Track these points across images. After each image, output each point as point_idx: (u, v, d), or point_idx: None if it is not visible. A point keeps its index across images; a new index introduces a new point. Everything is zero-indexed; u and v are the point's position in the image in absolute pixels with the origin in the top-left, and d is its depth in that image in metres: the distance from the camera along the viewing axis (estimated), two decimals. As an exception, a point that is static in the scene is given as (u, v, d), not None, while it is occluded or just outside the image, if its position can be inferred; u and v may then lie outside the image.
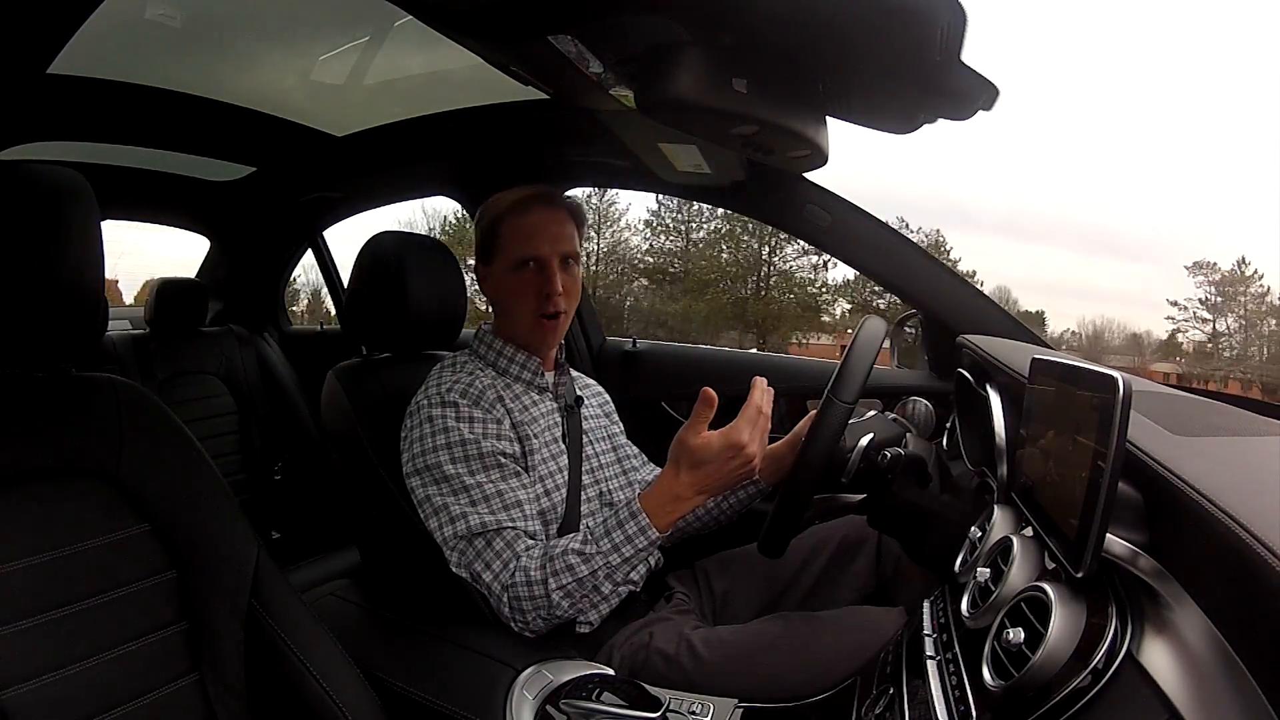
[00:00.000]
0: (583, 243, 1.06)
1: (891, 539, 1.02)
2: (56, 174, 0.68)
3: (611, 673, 0.81)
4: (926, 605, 0.78)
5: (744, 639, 0.90)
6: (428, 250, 1.12)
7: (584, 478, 1.04)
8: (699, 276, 14.01)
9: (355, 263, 1.10)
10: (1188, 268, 12.84)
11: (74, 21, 0.98)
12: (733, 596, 1.07)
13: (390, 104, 1.52)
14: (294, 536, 2.00)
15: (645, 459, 1.22)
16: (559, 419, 1.05)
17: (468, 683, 0.82)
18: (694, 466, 0.86)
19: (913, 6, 0.66)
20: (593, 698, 0.71)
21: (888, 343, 1.36)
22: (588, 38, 0.79)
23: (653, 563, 1.06)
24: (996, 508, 0.74)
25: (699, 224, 14.06)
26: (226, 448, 2.10)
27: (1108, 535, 0.48)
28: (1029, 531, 0.65)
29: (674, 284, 14.19)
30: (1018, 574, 0.59)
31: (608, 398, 1.23)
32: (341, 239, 2.34)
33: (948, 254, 13.10)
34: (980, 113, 0.85)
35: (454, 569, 0.89)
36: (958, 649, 0.64)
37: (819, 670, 0.84)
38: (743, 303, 13.83)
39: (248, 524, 0.79)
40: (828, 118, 0.96)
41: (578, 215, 1.04)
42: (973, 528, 0.76)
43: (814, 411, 0.92)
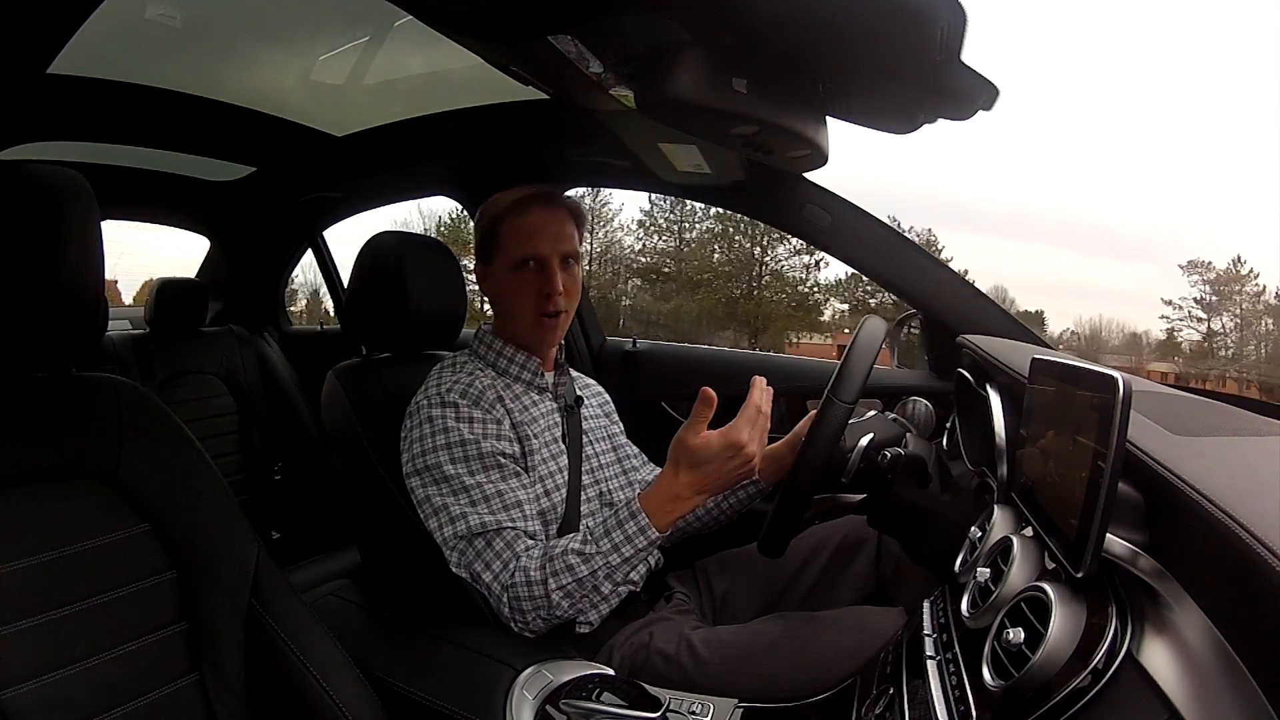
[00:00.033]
0: (583, 242, 1.06)
1: (891, 539, 1.02)
2: (56, 174, 0.68)
3: (611, 673, 0.81)
4: (926, 605, 0.78)
5: (744, 639, 0.90)
6: (428, 250, 1.12)
7: (584, 478, 1.04)
8: (691, 276, 14.04)
9: (355, 263, 1.11)
10: (1182, 266, 12.69)
11: (74, 21, 0.98)
12: (733, 596, 1.07)
13: (390, 104, 1.52)
14: (294, 536, 2.00)
15: (645, 459, 1.22)
16: (559, 419, 1.05)
17: (468, 683, 0.82)
18: (693, 466, 0.86)
19: (913, 6, 0.66)
20: (593, 698, 0.71)
21: (888, 343, 1.36)
22: (588, 38, 0.79)
23: (653, 563, 1.06)
24: (996, 508, 0.74)
25: (691, 224, 14.12)
26: (226, 448, 2.10)
27: (1108, 535, 0.48)
28: (1029, 531, 0.65)
29: (667, 283, 14.22)
30: (1018, 574, 0.59)
31: (608, 398, 1.23)
32: (342, 239, 2.35)
33: (940, 253, 13.11)
34: (980, 113, 0.85)
35: (454, 569, 0.89)
36: (958, 649, 0.64)
37: (819, 670, 0.84)
38: (734, 302, 13.85)
39: (248, 524, 0.79)
40: (828, 118, 0.96)
41: (578, 215, 1.04)
42: (973, 528, 0.76)
43: (814, 411, 0.92)
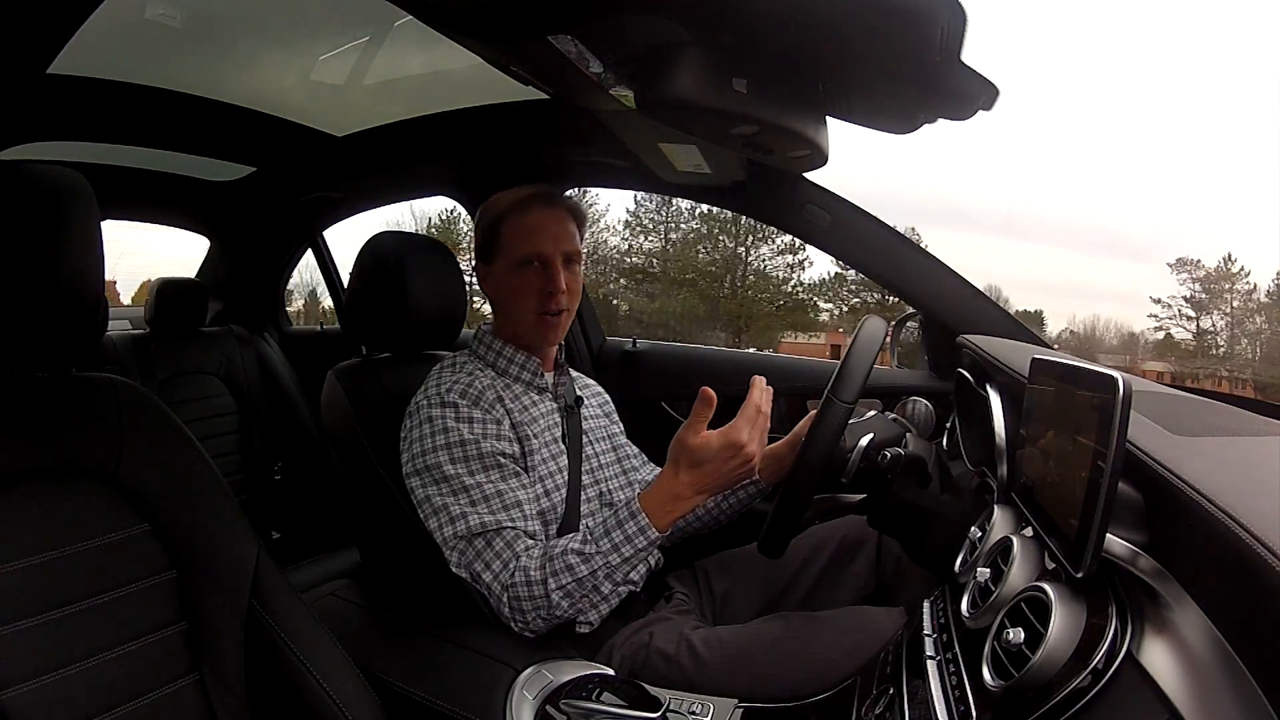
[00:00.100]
0: (582, 242, 1.06)
1: (891, 539, 1.02)
2: (56, 174, 0.68)
3: (611, 673, 0.81)
4: (926, 605, 0.78)
5: (744, 639, 0.90)
6: (428, 250, 1.12)
7: (584, 478, 1.04)
8: (675, 276, 14.14)
9: (355, 263, 1.11)
10: (1170, 265, 12.48)
11: (74, 21, 0.98)
12: (733, 596, 1.07)
13: (390, 104, 1.52)
14: (294, 536, 2.00)
15: (645, 459, 1.22)
16: (559, 419, 1.05)
17: (468, 683, 0.82)
18: (693, 466, 0.86)
19: (913, 6, 0.66)
20: (593, 698, 0.71)
21: (887, 343, 1.36)
22: (588, 38, 0.79)
23: (653, 563, 1.06)
24: (996, 508, 0.74)
25: (676, 224, 14.22)
26: (226, 448, 2.10)
27: (1108, 535, 0.48)
28: (1029, 531, 0.65)
29: (653, 283, 14.33)
30: (1018, 574, 0.59)
31: (607, 398, 1.23)
32: (342, 239, 2.35)
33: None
34: (980, 113, 0.85)
35: (454, 569, 0.89)
36: (958, 649, 0.64)
37: (819, 670, 0.84)
38: (718, 301, 13.95)
39: (248, 524, 0.79)
40: (828, 118, 0.96)
41: (578, 215, 1.04)
42: (973, 528, 0.76)
43: (814, 411, 0.92)
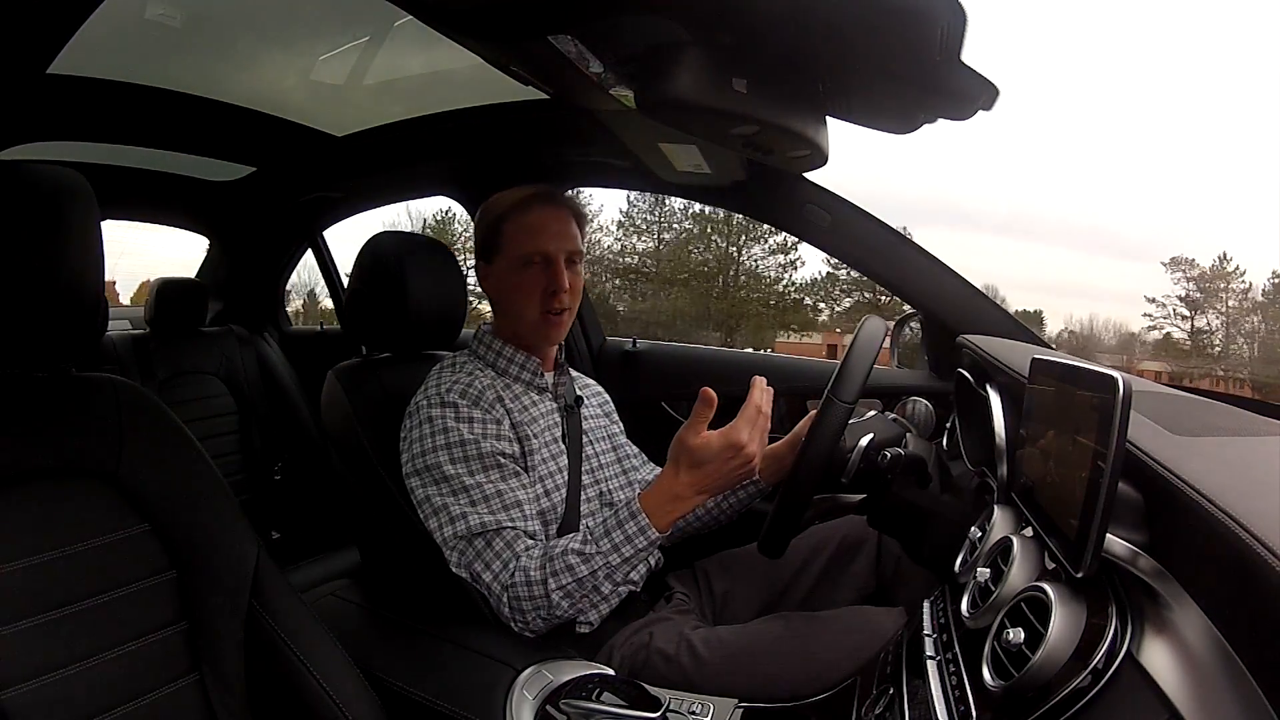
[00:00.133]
0: (583, 242, 1.06)
1: (891, 539, 1.02)
2: (56, 174, 0.68)
3: (611, 673, 0.81)
4: (926, 605, 0.78)
5: (744, 639, 0.90)
6: (428, 250, 1.12)
7: (584, 478, 1.04)
8: (668, 276, 14.25)
9: (355, 263, 1.11)
10: (1165, 264, 12.40)
11: (74, 21, 0.98)
12: (733, 596, 1.07)
13: (390, 104, 1.52)
14: (294, 536, 2.00)
15: (645, 459, 1.22)
16: (559, 419, 1.05)
17: (468, 683, 0.82)
18: (693, 466, 0.86)
19: (913, 6, 0.66)
20: (593, 698, 0.71)
21: (887, 343, 1.36)
22: (588, 38, 0.79)
23: (653, 563, 1.06)
24: (996, 508, 0.74)
25: (668, 225, 14.34)
26: (226, 448, 2.10)
27: (1108, 535, 0.48)
28: (1029, 531, 0.65)
29: (646, 283, 14.45)
30: (1018, 574, 0.59)
31: (607, 397, 1.23)
32: (342, 239, 2.35)
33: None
34: (980, 113, 0.85)
35: (454, 569, 0.89)
36: (958, 649, 0.64)
37: (819, 670, 0.84)
38: (709, 300, 14.01)
39: (248, 524, 0.79)
40: (828, 118, 0.96)
41: (579, 215, 1.05)
42: (973, 528, 0.76)
43: (814, 411, 0.92)
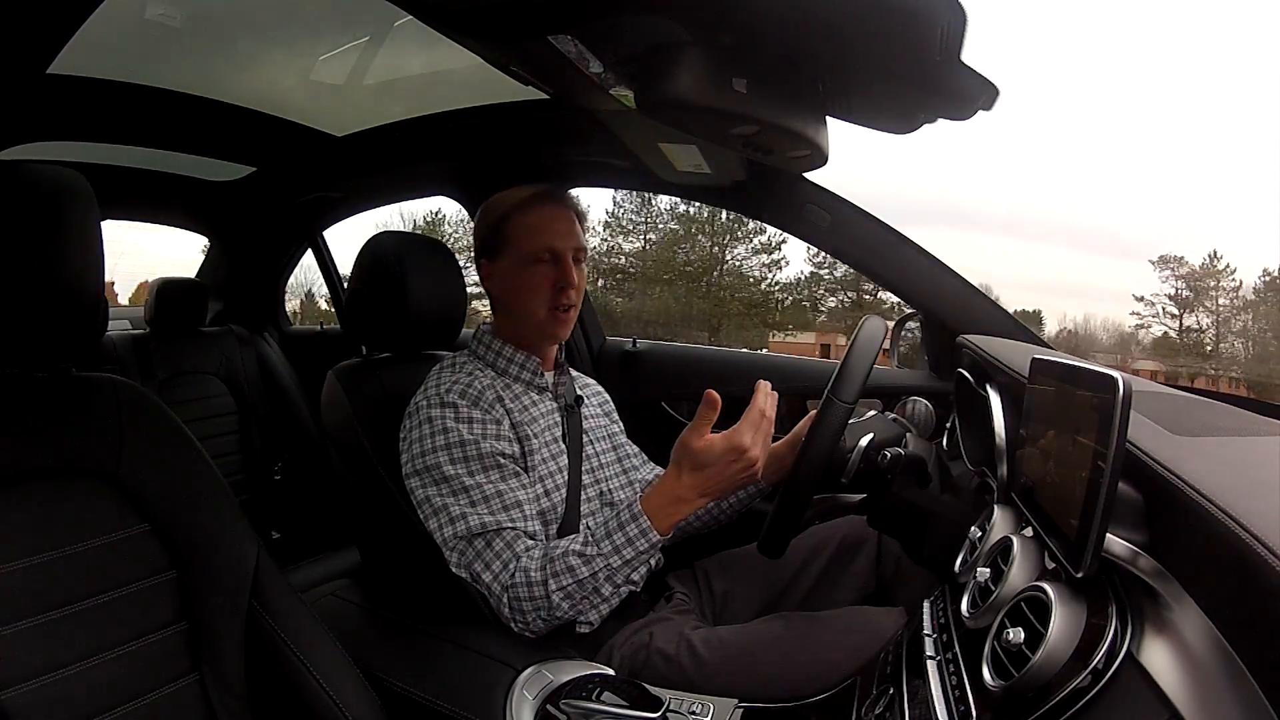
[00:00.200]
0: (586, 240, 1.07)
1: (891, 539, 1.02)
2: (56, 174, 0.68)
3: (611, 673, 0.81)
4: (926, 605, 0.78)
5: (744, 639, 0.90)
6: (428, 250, 1.12)
7: (584, 477, 1.04)
8: (653, 276, 14.35)
9: (355, 263, 1.11)
10: (1153, 262, 12.26)
11: (74, 21, 0.98)
12: (733, 596, 1.07)
13: (390, 104, 1.52)
14: (294, 536, 2.00)
15: (645, 458, 1.22)
16: (559, 419, 1.05)
17: (468, 683, 0.82)
18: (696, 469, 0.86)
19: (912, 6, 0.66)
20: (593, 698, 0.71)
21: (887, 343, 1.36)
22: (588, 38, 0.79)
23: (653, 563, 1.06)
24: (996, 508, 0.74)
25: (654, 225, 14.43)
26: (226, 448, 2.10)
27: (1108, 535, 0.48)
28: (1029, 531, 0.65)
29: (633, 283, 14.57)
30: (1018, 574, 0.59)
31: (607, 397, 1.23)
32: (343, 239, 2.35)
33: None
34: (980, 113, 0.85)
35: (454, 569, 0.89)
36: (958, 649, 0.64)
37: (819, 670, 0.84)
38: (693, 300, 14.11)
39: (248, 524, 0.79)
40: (828, 118, 0.96)
41: (581, 214, 1.05)
42: (973, 528, 0.76)
43: (814, 411, 0.92)
